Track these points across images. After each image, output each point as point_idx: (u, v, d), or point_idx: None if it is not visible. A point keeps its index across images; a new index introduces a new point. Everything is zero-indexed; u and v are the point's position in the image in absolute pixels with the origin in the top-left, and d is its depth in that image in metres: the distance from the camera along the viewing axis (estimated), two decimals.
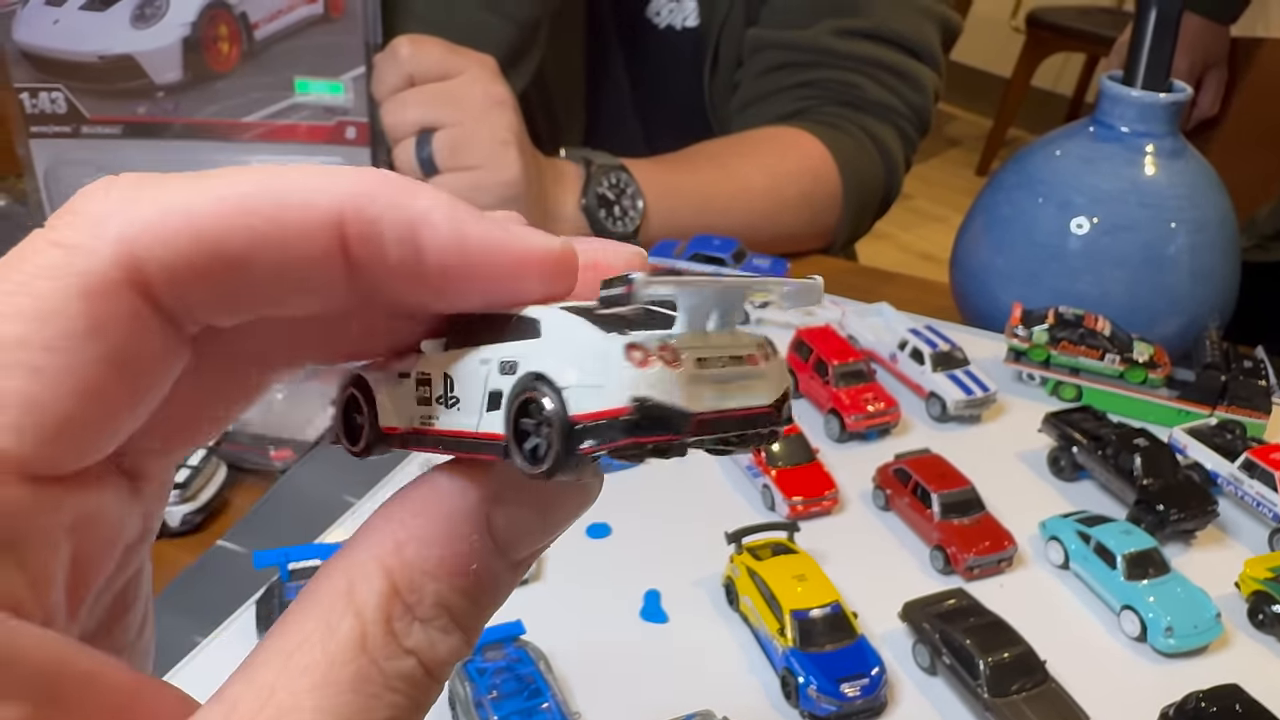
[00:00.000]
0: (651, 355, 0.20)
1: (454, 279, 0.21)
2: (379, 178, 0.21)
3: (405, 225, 0.21)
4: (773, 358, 0.22)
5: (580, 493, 0.23)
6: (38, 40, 0.95)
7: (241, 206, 0.20)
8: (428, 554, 0.21)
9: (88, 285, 0.19)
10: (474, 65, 0.96)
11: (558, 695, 0.55)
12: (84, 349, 0.19)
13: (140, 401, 0.21)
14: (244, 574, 0.66)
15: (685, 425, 0.20)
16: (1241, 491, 0.74)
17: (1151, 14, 0.90)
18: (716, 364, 0.21)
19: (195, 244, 0.20)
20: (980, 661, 0.58)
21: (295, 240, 0.20)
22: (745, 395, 0.21)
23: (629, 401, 0.20)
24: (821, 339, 0.86)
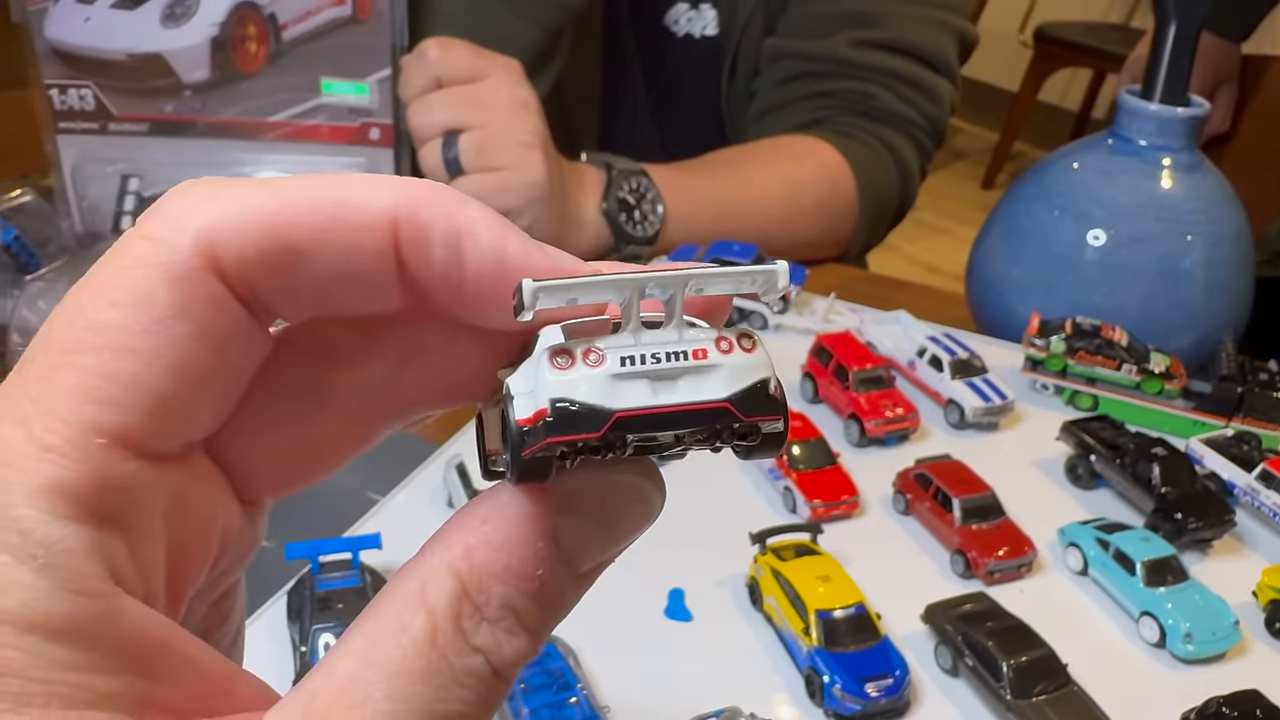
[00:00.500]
0: (577, 359, 0.21)
1: (488, 290, 0.23)
2: (433, 188, 0.23)
3: (451, 232, 0.22)
4: (738, 351, 0.22)
5: (639, 506, 0.24)
6: (68, 37, 0.96)
7: (307, 205, 0.22)
8: (495, 558, 0.22)
9: (173, 272, 0.21)
10: (500, 69, 0.97)
11: (586, 689, 0.56)
12: (174, 330, 0.21)
13: (226, 381, 0.23)
14: (271, 567, 0.67)
15: (603, 422, 0.20)
16: (1258, 502, 0.75)
17: (1171, 29, 0.91)
18: (648, 361, 0.21)
19: (264, 235, 0.22)
20: (1003, 664, 0.58)
21: (353, 236, 0.22)
22: (685, 391, 0.21)
23: (547, 403, 0.20)
24: (842, 345, 0.86)
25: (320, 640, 0.57)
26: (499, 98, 0.96)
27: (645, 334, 0.21)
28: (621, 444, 0.21)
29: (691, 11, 1.25)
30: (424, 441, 0.80)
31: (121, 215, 1.00)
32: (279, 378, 0.25)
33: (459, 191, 0.23)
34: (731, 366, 0.21)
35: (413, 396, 0.26)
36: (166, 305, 0.21)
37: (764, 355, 0.22)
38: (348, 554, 0.63)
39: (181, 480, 0.22)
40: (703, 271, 0.22)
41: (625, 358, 0.21)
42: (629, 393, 0.21)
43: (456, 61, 0.96)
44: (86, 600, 0.20)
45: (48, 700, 0.19)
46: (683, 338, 0.22)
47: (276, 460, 0.25)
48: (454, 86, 0.96)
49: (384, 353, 0.26)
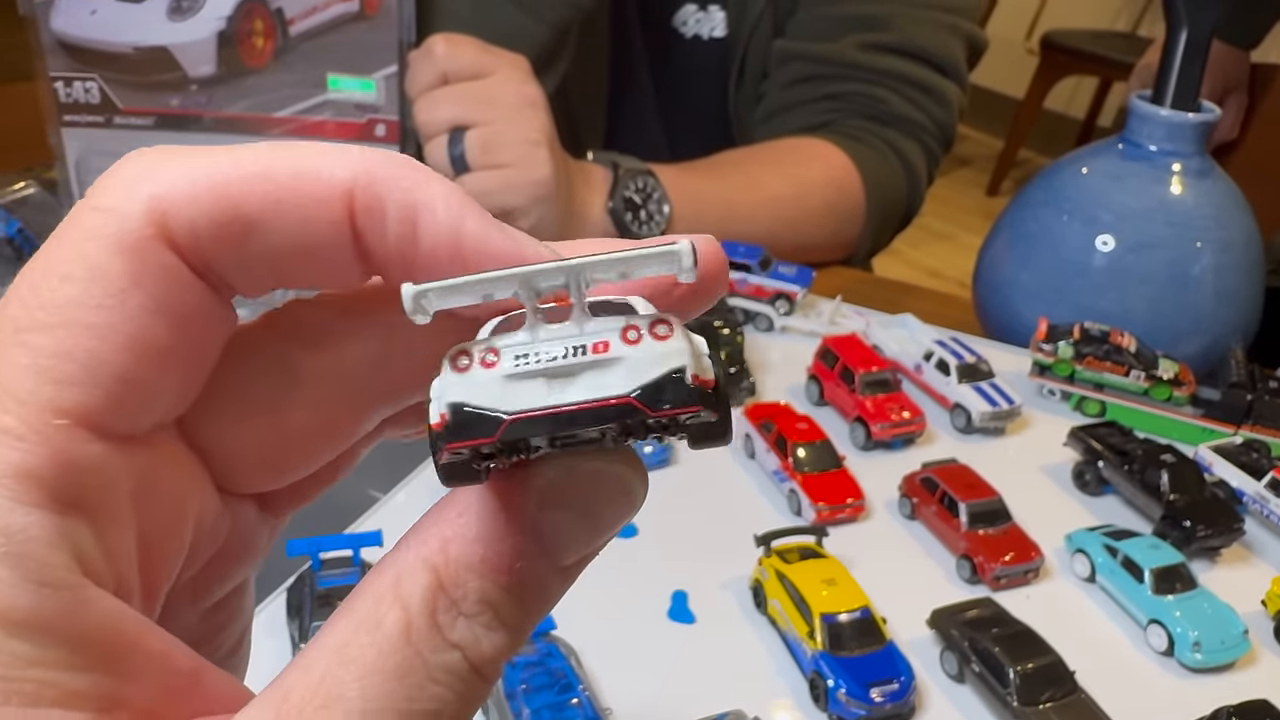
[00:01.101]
0: (475, 360, 0.20)
1: (442, 269, 0.22)
2: (393, 159, 0.22)
3: (407, 206, 0.22)
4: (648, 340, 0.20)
5: (623, 496, 0.23)
6: (74, 30, 0.96)
7: (260, 173, 0.21)
8: (471, 551, 0.21)
9: (124, 242, 0.20)
10: (507, 66, 0.96)
11: (588, 690, 0.55)
12: (129, 304, 0.20)
13: (188, 357, 0.22)
14: (271, 562, 0.66)
15: (495, 427, 0.20)
16: (1268, 510, 0.75)
17: (1182, 35, 0.90)
18: (544, 358, 0.20)
19: (217, 204, 0.21)
20: (1010, 670, 0.58)
21: (307, 207, 0.22)
22: (583, 388, 0.20)
23: (446, 408, 0.20)
24: (847, 347, 0.86)
25: None
26: (505, 95, 0.96)
27: (545, 330, 0.20)
28: (525, 446, 0.20)
29: (700, 13, 1.25)
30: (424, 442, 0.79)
31: None
32: (253, 359, 0.24)
33: (422, 165, 0.22)
34: (637, 358, 0.20)
35: (400, 381, 0.25)
36: (120, 277, 0.20)
37: (682, 342, 0.20)
38: (349, 551, 0.62)
39: (150, 463, 0.22)
40: (594, 259, 0.20)
41: (519, 356, 0.20)
42: (523, 394, 0.20)
43: (463, 58, 0.96)
44: (51, 592, 0.19)
45: (7, 698, 0.18)
46: (583, 330, 0.20)
47: (252, 447, 0.24)
48: (460, 83, 0.96)
49: (363, 333, 0.25)
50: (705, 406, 0.20)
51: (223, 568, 0.25)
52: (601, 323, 0.21)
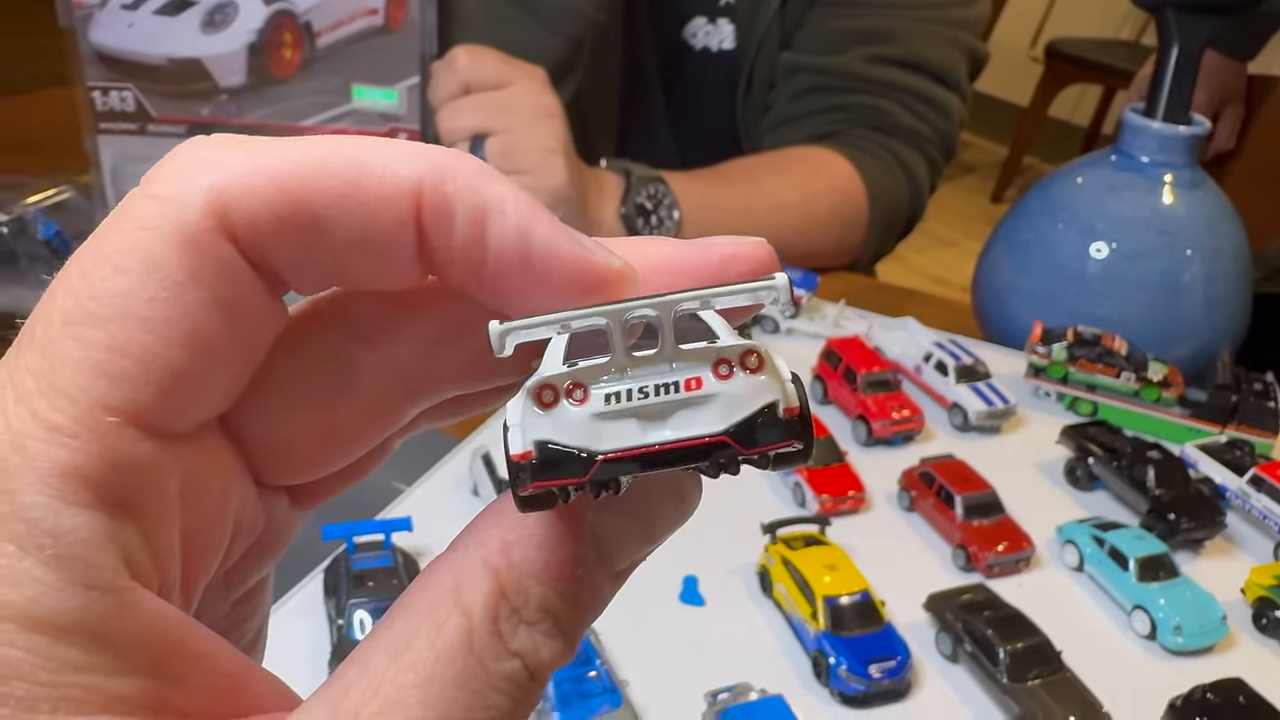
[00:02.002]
0: (560, 394, 0.20)
1: (509, 274, 0.21)
2: (462, 159, 0.21)
3: (476, 208, 0.21)
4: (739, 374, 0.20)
5: (678, 504, 0.23)
6: (111, 42, 1.00)
7: (326, 168, 0.21)
8: (534, 556, 0.21)
9: (182, 234, 0.20)
10: (526, 76, 1.01)
11: (606, 664, 0.59)
12: (185, 297, 0.20)
13: (241, 353, 0.21)
14: (300, 547, 0.70)
15: (589, 467, 0.19)
16: (1249, 505, 0.78)
17: (1174, 50, 0.94)
18: (635, 396, 0.20)
19: (280, 197, 0.20)
20: (1000, 649, 0.62)
21: (374, 204, 0.21)
22: (677, 426, 0.20)
23: (531, 445, 0.20)
24: (850, 349, 0.90)
25: (355, 615, 0.61)
26: (525, 104, 1.00)
27: (635, 365, 0.20)
28: (615, 484, 0.20)
29: (709, 26, 1.29)
30: (447, 436, 0.83)
31: None
32: (301, 353, 0.23)
33: (490, 167, 0.21)
34: (731, 394, 0.20)
35: (444, 375, 0.25)
36: (177, 270, 0.19)
37: (772, 374, 0.20)
38: (380, 535, 0.66)
39: (196, 461, 0.21)
40: (693, 294, 0.21)
41: (610, 394, 0.20)
42: (615, 432, 0.20)
43: (485, 69, 1.00)
44: (99, 595, 0.18)
45: (55, 705, 0.18)
46: (674, 367, 0.20)
47: (297, 440, 0.24)
48: (482, 93, 1.00)
49: (414, 329, 0.24)
50: (795, 438, 0.20)
51: (254, 560, 0.25)
52: (693, 356, 0.20)
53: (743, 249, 0.23)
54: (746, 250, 0.23)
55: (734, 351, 0.20)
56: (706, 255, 0.23)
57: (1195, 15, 0.93)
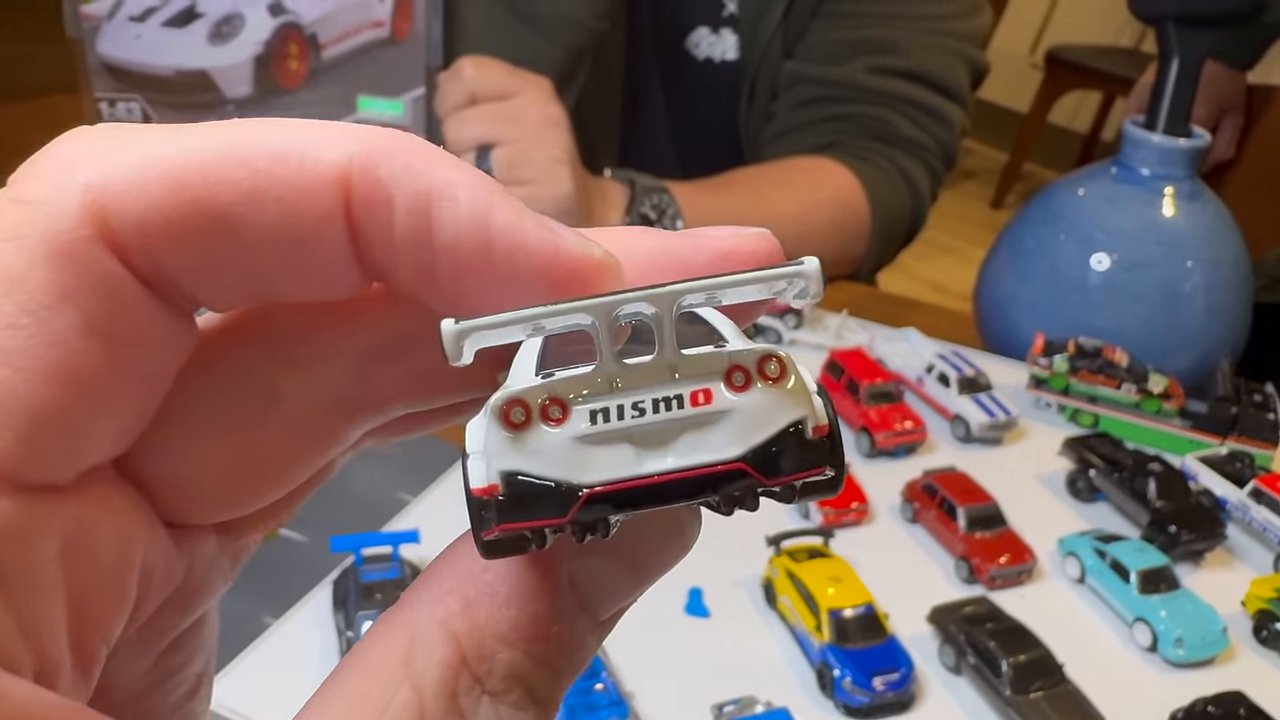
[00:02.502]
0: (533, 413, 0.16)
1: (466, 272, 0.18)
2: (399, 139, 0.18)
3: (419, 194, 0.17)
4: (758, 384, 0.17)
5: (676, 540, 0.20)
6: (119, 53, 1.01)
7: (231, 158, 0.17)
8: (501, 615, 0.18)
9: (52, 246, 0.16)
10: (531, 87, 1.01)
11: (612, 677, 0.60)
12: (54, 323, 0.16)
13: (132, 388, 0.18)
14: (308, 559, 0.71)
15: (570, 504, 0.16)
16: (1249, 517, 0.79)
17: (1173, 64, 0.95)
18: (630, 413, 0.16)
19: (173, 196, 0.17)
20: (1003, 661, 0.62)
21: (292, 199, 0.17)
22: (683, 452, 0.16)
23: (497, 478, 0.16)
24: (853, 360, 0.90)
25: (364, 627, 0.61)
26: (530, 115, 1.01)
27: (627, 375, 0.16)
28: (603, 525, 0.17)
29: (712, 36, 1.29)
30: (452, 444, 0.84)
31: None
32: (212, 374, 0.20)
33: (433, 145, 0.18)
34: (748, 410, 0.16)
35: (388, 393, 0.21)
36: (43, 289, 0.16)
37: (797, 385, 0.17)
38: (388, 548, 0.67)
39: (80, 513, 0.17)
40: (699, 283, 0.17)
41: (596, 411, 0.16)
42: (603, 460, 0.16)
43: (490, 79, 1.01)
44: None
45: None
46: (677, 377, 0.16)
47: (212, 476, 0.20)
48: (487, 103, 1.00)
49: (349, 340, 0.20)
50: (827, 464, 0.17)
51: (176, 609, 0.21)
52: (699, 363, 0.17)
53: (741, 241, 0.19)
54: (746, 242, 0.19)
55: (750, 357, 0.17)
56: (701, 249, 0.19)
57: (1195, 28, 0.94)
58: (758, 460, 0.16)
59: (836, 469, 0.17)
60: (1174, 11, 0.94)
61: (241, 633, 0.65)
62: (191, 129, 0.18)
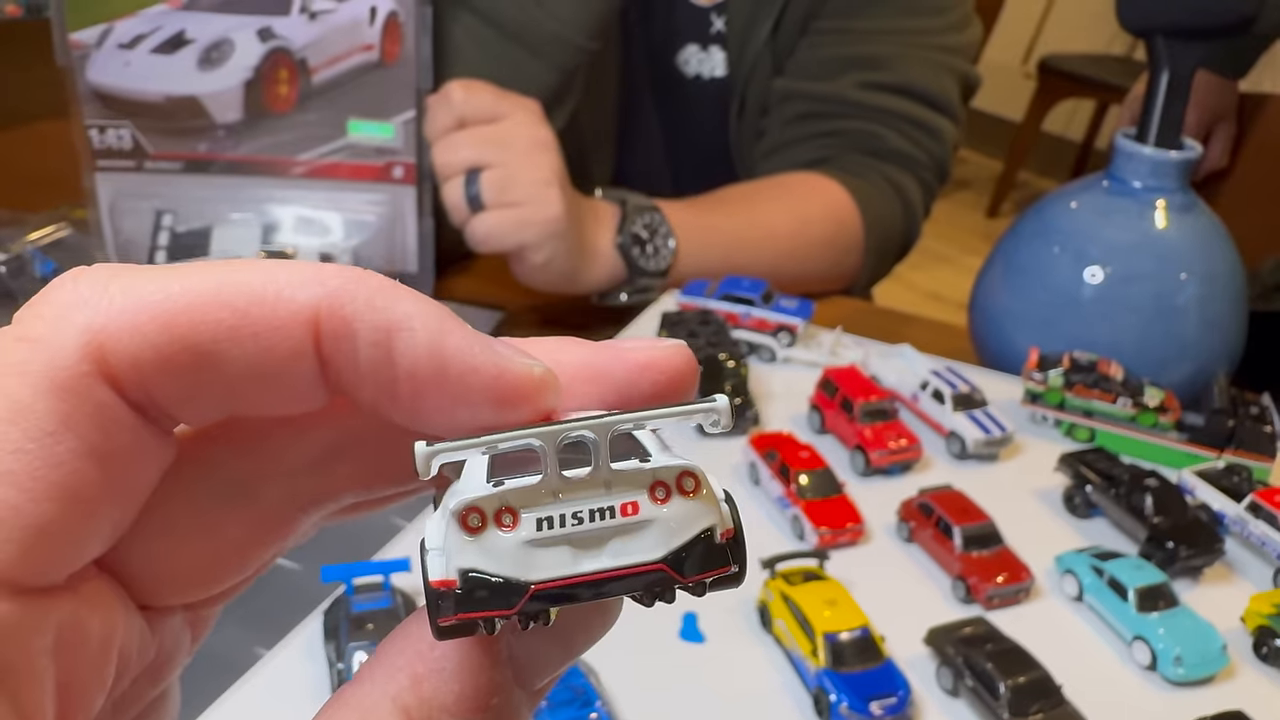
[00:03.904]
0: (488, 519, 0.19)
1: (424, 391, 0.20)
2: (360, 278, 0.20)
3: (380, 328, 0.20)
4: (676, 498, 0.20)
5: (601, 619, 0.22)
6: (109, 80, 1.01)
7: (214, 299, 0.20)
8: (447, 689, 0.20)
9: (54, 380, 0.19)
10: (520, 110, 1.01)
11: (606, 706, 0.59)
12: (55, 448, 0.19)
13: (121, 500, 0.20)
14: (300, 588, 0.70)
15: (518, 597, 0.19)
16: (1247, 532, 0.78)
17: (1164, 76, 0.95)
18: (569, 522, 0.19)
19: (164, 335, 0.19)
20: (1001, 684, 0.62)
21: (268, 335, 0.20)
22: (613, 554, 0.19)
23: (455, 574, 0.19)
24: (847, 378, 0.90)
25: (355, 658, 0.61)
26: (519, 137, 1.01)
27: (567, 488, 0.19)
28: (544, 614, 0.19)
29: (701, 53, 1.30)
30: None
31: (155, 250, 1.05)
32: (185, 475, 0.22)
33: (391, 281, 0.21)
34: (667, 519, 0.19)
35: (342, 485, 0.24)
36: (46, 419, 0.18)
37: (708, 496, 0.20)
38: (380, 577, 0.66)
39: (71, 609, 0.20)
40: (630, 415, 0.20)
41: (542, 520, 0.19)
42: (547, 561, 0.19)
43: (479, 102, 1.01)
44: None
45: None
46: (610, 491, 0.19)
47: (183, 565, 0.23)
48: (476, 126, 1.00)
49: (308, 440, 0.23)
50: (731, 562, 0.20)
51: (146, 683, 0.23)
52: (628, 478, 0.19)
53: (658, 356, 0.22)
54: (663, 355, 0.22)
55: (670, 474, 0.20)
56: (623, 361, 0.22)
57: (1185, 41, 0.94)
58: (675, 561, 0.19)
59: (740, 566, 0.20)
60: (1164, 25, 0.94)
61: (234, 664, 0.65)
62: (180, 270, 0.20)
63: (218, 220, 1.06)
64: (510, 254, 1.03)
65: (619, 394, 0.22)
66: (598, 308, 1.12)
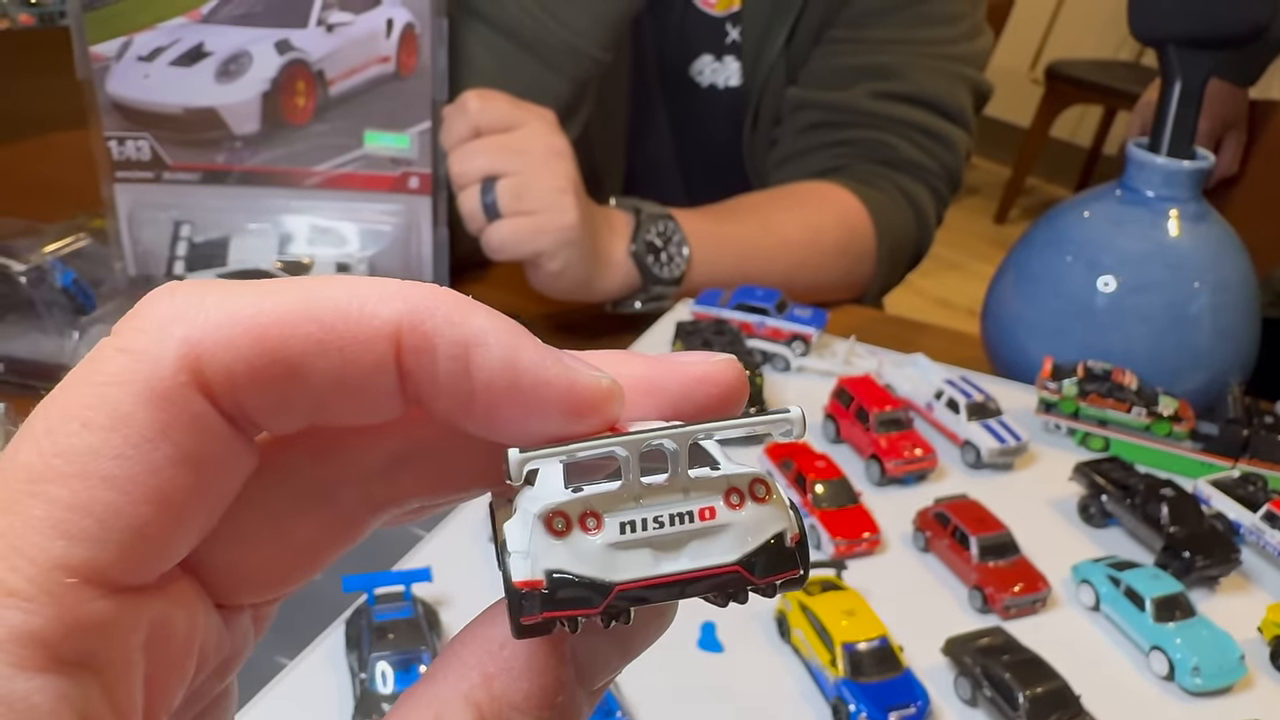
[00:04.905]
0: (572, 522, 0.20)
1: (499, 403, 0.21)
2: (439, 295, 0.21)
3: (458, 343, 0.21)
4: (750, 504, 0.21)
5: (658, 620, 0.23)
6: (128, 92, 1.01)
7: (304, 314, 0.20)
8: (516, 687, 0.21)
9: (154, 390, 0.20)
10: (535, 119, 1.02)
11: (626, 714, 0.60)
12: (153, 454, 0.19)
13: (210, 504, 0.21)
14: (322, 597, 0.71)
15: (603, 597, 0.19)
16: (1264, 541, 0.79)
17: (1176, 86, 0.95)
18: (650, 525, 0.20)
19: (255, 348, 0.20)
20: (1020, 694, 0.62)
21: (353, 349, 0.21)
22: (692, 557, 0.20)
23: (542, 574, 0.19)
24: (862, 388, 0.90)
25: (378, 668, 0.61)
26: (535, 146, 1.01)
27: (647, 493, 0.20)
28: (625, 614, 0.20)
29: (716, 63, 1.30)
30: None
31: (174, 260, 1.05)
32: (265, 479, 0.23)
33: (468, 298, 0.22)
34: (742, 523, 0.20)
35: (409, 490, 0.25)
36: (146, 427, 0.19)
37: (778, 502, 0.21)
38: (401, 586, 0.67)
39: (161, 607, 0.21)
40: (706, 425, 0.21)
41: (625, 524, 0.20)
42: (630, 563, 0.20)
43: (495, 112, 1.01)
44: None
45: None
46: (688, 496, 0.20)
47: (259, 565, 0.24)
48: (492, 135, 1.01)
49: (379, 450, 0.24)
50: (800, 565, 0.21)
51: (217, 677, 0.24)
52: (704, 485, 0.21)
53: (712, 370, 0.23)
54: (716, 372, 0.23)
55: (744, 480, 0.21)
56: (679, 375, 0.23)
57: (1197, 50, 0.94)
58: (748, 564, 0.20)
59: (805, 569, 0.21)
60: (1176, 34, 0.94)
61: (257, 673, 0.65)
62: (269, 286, 0.21)
63: (235, 230, 1.07)
64: (525, 262, 1.04)
65: (674, 406, 0.23)
66: (612, 315, 1.12)
